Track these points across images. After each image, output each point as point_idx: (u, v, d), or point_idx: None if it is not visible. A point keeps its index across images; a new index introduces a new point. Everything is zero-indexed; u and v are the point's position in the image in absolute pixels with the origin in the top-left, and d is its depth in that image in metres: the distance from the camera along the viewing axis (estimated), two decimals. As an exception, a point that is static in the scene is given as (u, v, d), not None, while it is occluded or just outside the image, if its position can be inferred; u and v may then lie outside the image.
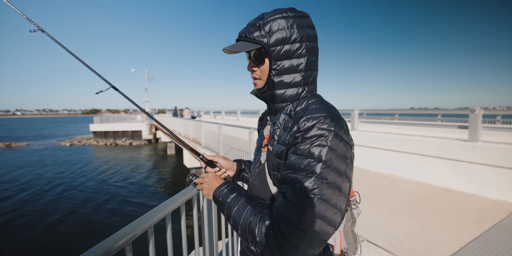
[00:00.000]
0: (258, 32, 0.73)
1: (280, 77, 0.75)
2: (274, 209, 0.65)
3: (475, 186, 4.31)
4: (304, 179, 0.62)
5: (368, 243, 2.72)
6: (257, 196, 0.82)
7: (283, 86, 0.76)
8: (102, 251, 0.76)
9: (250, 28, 0.75)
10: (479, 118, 4.54)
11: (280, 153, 0.72)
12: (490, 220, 3.24)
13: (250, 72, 0.82)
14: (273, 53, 0.73)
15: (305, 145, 0.65)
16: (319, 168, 0.62)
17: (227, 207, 0.75)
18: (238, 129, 6.25)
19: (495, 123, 9.42)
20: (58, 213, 9.00)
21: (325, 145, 0.63)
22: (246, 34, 0.76)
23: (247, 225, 0.68)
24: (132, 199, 10.46)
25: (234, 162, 1.05)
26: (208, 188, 0.85)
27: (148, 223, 0.95)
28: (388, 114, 13.49)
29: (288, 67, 0.74)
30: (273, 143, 0.77)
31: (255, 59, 0.77)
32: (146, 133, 28.30)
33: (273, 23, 0.73)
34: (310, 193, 0.61)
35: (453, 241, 2.77)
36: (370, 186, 4.77)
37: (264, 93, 0.79)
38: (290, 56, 0.74)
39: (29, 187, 12.07)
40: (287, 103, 0.78)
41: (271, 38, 0.73)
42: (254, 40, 0.74)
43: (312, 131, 0.65)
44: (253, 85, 0.84)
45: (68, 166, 16.47)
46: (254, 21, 0.76)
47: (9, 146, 27.63)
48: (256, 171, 0.87)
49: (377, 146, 5.97)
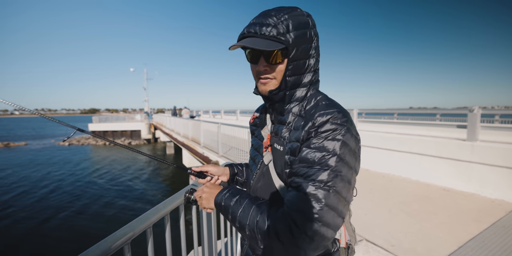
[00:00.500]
0: (276, 30, 0.69)
1: (294, 77, 0.74)
2: (287, 202, 0.65)
3: (473, 185, 4.32)
4: (319, 172, 0.63)
5: (367, 243, 2.73)
6: (262, 198, 0.80)
7: (297, 86, 0.76)
8: (101, 251, 0.76)
9: (266, 25, 0.69)
10: (477, 117, 4.55)
11: (293, 150, 0.71)
12: (489, 219, 3.25)
13: (259, 71, 0.75)
14: (293, 52, 0.71)
15: (318, 139, 0.65)
16: (334, 161, 0.63)
17: (231, 211, 0.73)
18: (237, 128, 6.24)
19: (494, 123, 9.44)
20: (56, 213, 8.97)
21: (339, 139, 0.64)
22: (263, 31, 0.69)
23: (255, 224, 0.67)
24: (130, 199, 10.44)
25: (225, 167, 1.03)
26: (208, 197, 0.82)
27: (147, 222, 0.94)
28: (387, 114, 13.51)
29: (303, 67, 0.74)
30: (284, 143, 0.75)
31: (271, 58, 0.72)
32: (145, 132, 28.26)
33: (290, 22, 0.70)
34: (325, 185, 0.62)
35: (452, 240, 2.78)
36: (369, 186, 4.77)
37: (276, 94, 0.75)
38: (305, 55, 0.73)
39: (33, 185, 12.04)
40: (296, 103, 0.77)
41: (291, 37, 0.70)
42: (275, 39, 0.69)
43: (326, 125, 0.65)
44: (254, 85, 0.80)
45: (65, 165, 16.44)
46: (267, 19, 0.70)
47: (7, 146, 27.53)
48: (259, 173, 0.84)
49: (376, 145, 5.98)
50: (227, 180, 1.02)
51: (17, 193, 11.10)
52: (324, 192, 0.61)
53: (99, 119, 30.75)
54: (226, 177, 1.01)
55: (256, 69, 0.76)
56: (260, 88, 0.77)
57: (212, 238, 1.52)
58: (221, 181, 1.00)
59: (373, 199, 4.07)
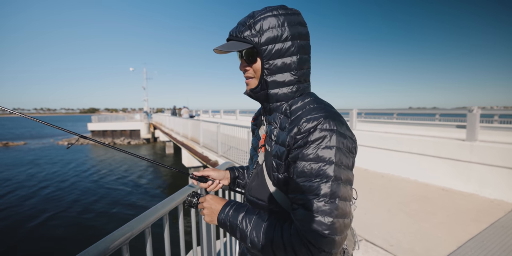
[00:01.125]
0: (249, 31, 0.72)
1: (273, 76, 0.74)
2: (297, 222, 0.64)
3: (473, 185, 4.33)
4: (320, 186, 0.62)
5: (367, 243, 2.73)
6: (256, 197, 0.81)
7: (277, 85, 0.75)
8: (99, 251, 0.75)
9: (241, 27, 0.74)
10: (476, 117, 4.56)
11: (280, 154, 0.71)
12: (488, 219, 3.26)
13: (242, 71, 0.81)
14: (265, 52, 0.72)
15: (311, 149, 0.64)
16: (332, 171, 0.63)
17: (239, 230, 0.73)
18: (237, 128, 6.24)
19: (493, 123, 9.46)
20: (56, 212, 8.96)
21: (332, 146, 0.63)
22: (236, 33, 0.74)
23: (270, 244, 0.67)
24: (129, 199, 10.43)
25: (226, 171, 1.03)
26: (210, 213, 0.82)
27: (146, 222, 0.94)
28: (386, 114, 13.52)
29: (281, 66, 0.73)
30: (271, 143, 0.76)
31: (247, 58, 0.76)
32: (144, 132, 28.24)
33: (263, 22, 0.71)
34: (330, 198, 0.62)
35: (450, 240, 2.78)
36: (368, 186, 4.77)
37: (257, 93, 0.78)
38: (282, 54, 0.73)
39: (33, 185, 12.02)
40: (282, 102, 0.77)
41: (262, 37, 0.71)
42: (245, 40, 0.73)
43: (315, 133, 0.64)
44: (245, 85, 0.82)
45: (65, 165, 16.41)
46: (244, 20, 0.74)
47: (6, 145, 27.48)
48: (254, 172, 0.85)
49: (375, 145, 5.99)
50: (228, 184, 1.02)
51: (17, 193, 11.09)
52: (330, 205, 0.61)
53: (99, 118, 30.70)
54: (227, 181, 1.01)
55: (240, 69, 0.81)
56: (246, 87, 0.82)
57: (211, 238, 1.52)
58: (222, 185, 1.00)
59: (372, 199, 4.07)
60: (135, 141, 27.69)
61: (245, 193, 0.89)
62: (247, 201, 0.87)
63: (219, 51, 0.76)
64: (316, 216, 0.61)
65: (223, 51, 0.75)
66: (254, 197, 0.82)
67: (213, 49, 0.76)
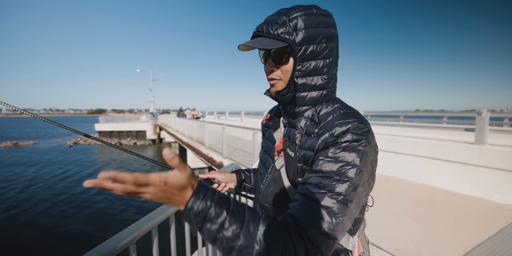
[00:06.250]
0: (284, 29, 0.66)
1: (304, 78, 0.70)
2: (298, 213, 0.58)
3: (481, 189, 4.24)
4: (337, 184, 0.59)
5: (372, 246, 2.70)
6: (272, 204, 0.77)
7: (307, 88, 0.71)
8: (107, 250, 0.77)
9: (274, 24, 0.68)
10: (486, 120, 4.48)
11: (306, 159, 0.68)
12: (497, 225, 3.19)
13: (267, 72, 0.75)
14: (299, 52, 0.68)
15: (337, 148, 0.62)
16: (353, 173, 0.60)
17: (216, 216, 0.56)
18: (242, 130, 6.26)
19: (503, 126, 9.29)
20: (58, 212, 9.09)
21: (361, 150, 0.61)
22: (269, 29, 0.68)
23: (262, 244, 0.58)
24: (137, 200, 10.51)
25: (232, 173, 1.01)
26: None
27: (152, 222, 0.95)
28: (393, 116, 13.39)
29: (313, 69, 0.69)
30: (295, 148, 0.72)
31: (277, 58, 0.70)
32: (150, 133, 28.48)
33: (299, 20, 0.66)
34: (343, 198, 0.58)
35: (458, 245, 2.73)
36: (374, 189, 4.70)
37: (283, 95, 0.73)
38: (316, 56, 0.69)
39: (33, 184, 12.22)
40: (309, 106, 0.73)
41: (298, 36, 0.66)
42: (279, 37, 0.67)
43: (347, 135, 0.62)
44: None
45: (71, 164, 16.65)
46: (276, 17, 0.68)
47: (16, 145, 28.04)
48: (269, 177, 0.80)
49: (381, 148, 5.93)
50: (235, 187, 1.00)
51: (23, 192, 11.29)
52: (341, 205, 0.58)
53: (106, 119, 31.11)
54: (233, 184, 0.99)
55: (265, 69, 0.75)
56: (271, 89, 0.76)
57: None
58: (229, 188, 0.99)
59: (378, 202, 4.03)
60: (141, 142, 27.93)
61: (259, 199, 0.84)
62: (260, 207, 0.83)
63: (245, 47, 0.70)
64: (322, 212, 0.57)
65: (250, 47, 0.69)
66: (270, 203, 0.78)
67: (239, 45, 0.69)
